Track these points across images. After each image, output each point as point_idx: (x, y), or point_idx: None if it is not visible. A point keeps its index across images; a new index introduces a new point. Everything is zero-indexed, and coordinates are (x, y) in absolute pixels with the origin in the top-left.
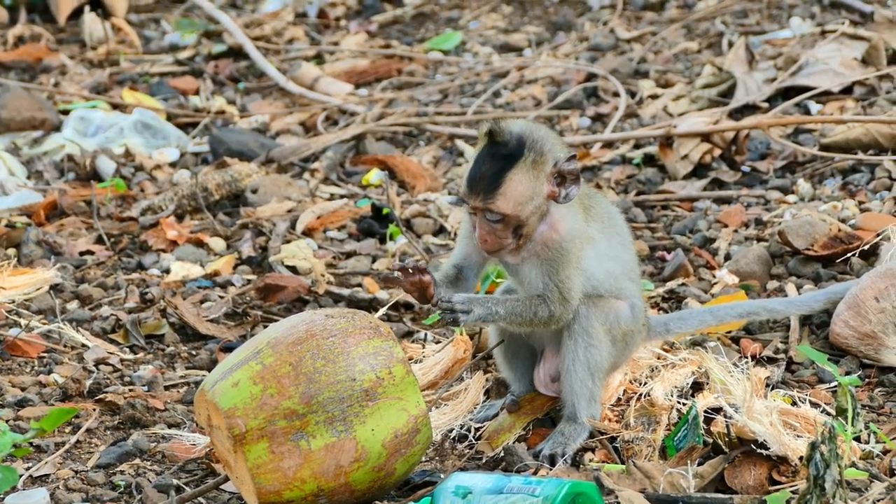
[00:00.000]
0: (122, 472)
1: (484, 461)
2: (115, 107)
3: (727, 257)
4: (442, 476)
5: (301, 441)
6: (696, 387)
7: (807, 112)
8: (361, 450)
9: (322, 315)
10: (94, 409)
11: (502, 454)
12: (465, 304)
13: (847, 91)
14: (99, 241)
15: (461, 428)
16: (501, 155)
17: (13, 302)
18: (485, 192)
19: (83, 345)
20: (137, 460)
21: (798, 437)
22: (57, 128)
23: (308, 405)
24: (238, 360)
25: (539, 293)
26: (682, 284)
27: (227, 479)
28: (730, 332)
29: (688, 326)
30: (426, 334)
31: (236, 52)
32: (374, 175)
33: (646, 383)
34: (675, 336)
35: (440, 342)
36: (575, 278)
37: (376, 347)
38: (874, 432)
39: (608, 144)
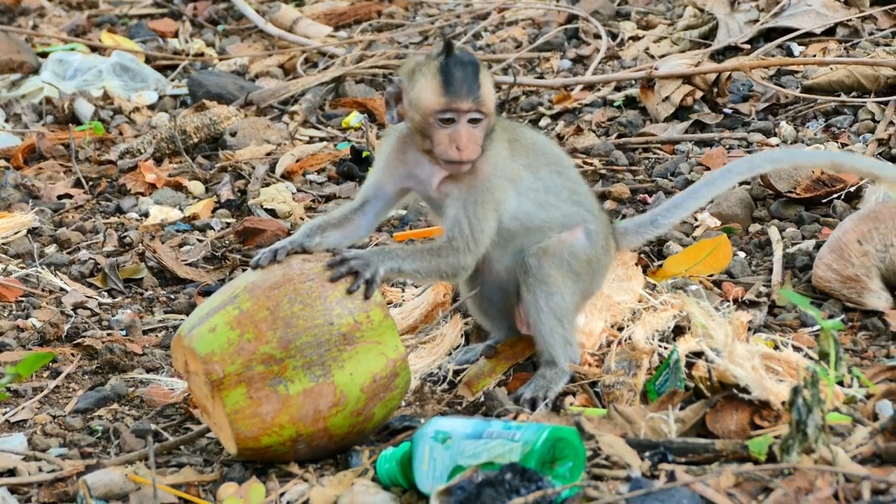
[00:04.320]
0: (99, 417)
1: (464, 406)
2: (94, 49)
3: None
4: (421, 421)
5: (279, 386)
6: (678, 331)
7: (789, 54)
8: (340, 394)
9: (299, 259)
10: (73, 354)
11: (482, 399)
12: (361, 259)
13: (829, 32)
14: (77, 184)
15: (440, 370)
16: (467, 61)
17: None
18: (470, 91)
19: (61, 289)
20: (115, 405)
21: (780, 381)
22: (35, 70)
23: (286, 350)
24: (215, 304)
25: (449, 235)
26: None
27: (208, 430)
28: (711, 275)
29: (681, 211)
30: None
31: None
32: (354, 118)
33: (627, 327)
34: (666, 229)
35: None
36: (490, 219)
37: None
38: (857, 377)
39: (589, 87)
